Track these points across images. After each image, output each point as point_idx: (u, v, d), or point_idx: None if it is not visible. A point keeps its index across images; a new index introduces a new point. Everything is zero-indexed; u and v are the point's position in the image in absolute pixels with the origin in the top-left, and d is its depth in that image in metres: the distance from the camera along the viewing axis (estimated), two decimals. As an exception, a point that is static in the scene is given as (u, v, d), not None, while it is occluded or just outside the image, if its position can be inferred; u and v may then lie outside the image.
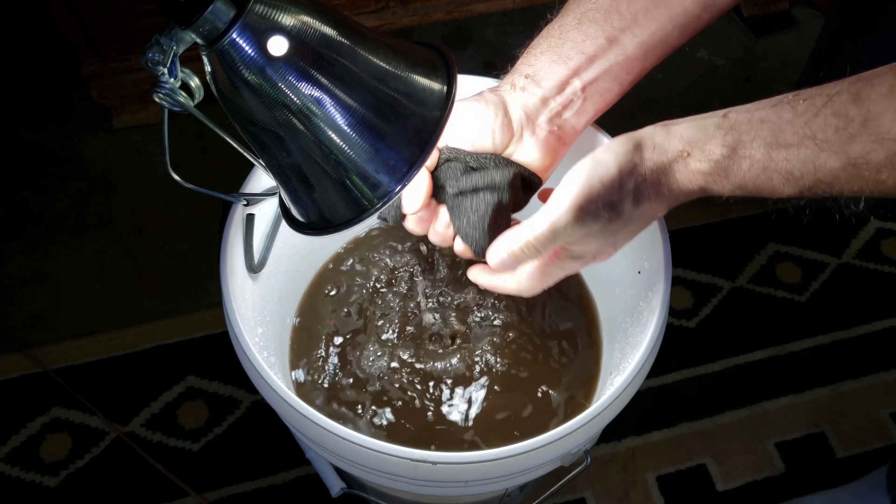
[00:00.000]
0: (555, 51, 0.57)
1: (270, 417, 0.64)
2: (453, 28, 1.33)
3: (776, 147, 0.43)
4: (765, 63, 1.30)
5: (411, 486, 0.56)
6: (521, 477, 0.58)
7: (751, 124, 0.44)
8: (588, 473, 0.92)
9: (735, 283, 1.07)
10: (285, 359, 0.73)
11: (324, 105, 0.43)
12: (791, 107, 0.43)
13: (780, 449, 0.95)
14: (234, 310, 0.57)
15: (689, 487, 0.93)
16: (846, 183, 0.42)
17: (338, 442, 0.52)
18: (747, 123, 0.44)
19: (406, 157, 0.46)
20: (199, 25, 0.40)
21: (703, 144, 0.45)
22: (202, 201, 1.12)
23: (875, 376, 1.00)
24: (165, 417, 0.95)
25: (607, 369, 0.72)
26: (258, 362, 0.55)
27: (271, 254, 0.66)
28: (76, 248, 1.10)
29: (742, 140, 0.44)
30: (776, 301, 1.06)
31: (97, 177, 1.16)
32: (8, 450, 0.93)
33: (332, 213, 0.49)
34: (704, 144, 0.45)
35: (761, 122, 0.44)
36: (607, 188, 0.47)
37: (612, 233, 0.49)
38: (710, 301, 1.05)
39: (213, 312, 1.03)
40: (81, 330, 1.02)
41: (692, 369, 1.00)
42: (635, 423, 0.96)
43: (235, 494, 0.91)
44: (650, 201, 0.48)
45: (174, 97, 0.44)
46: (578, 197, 0.47)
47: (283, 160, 0.46)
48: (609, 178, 0.47)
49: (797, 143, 0.42)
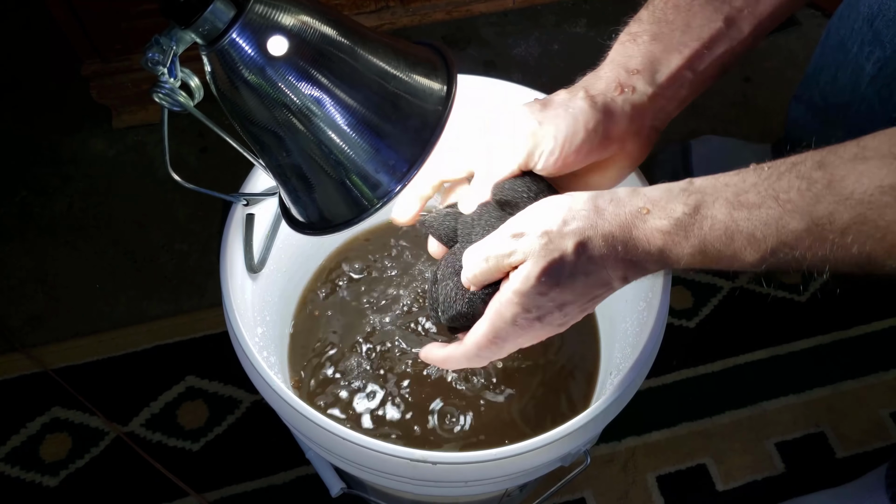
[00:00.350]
0: (664, 38, 0.50)
1: (270, 417, 0.64)
2: (453, 28, 1.33)
3: (738, 207, 0.42)
4: (765, 63, 1.30)
5: (411, 486, 0.56)
6: (521, 477, 0.58)
7: (715, 188, 0.43)
8: (588, 473, 0.92)
9: (735, 283, 1.07)
10: (285, 359, 0.73)
11: (323, 105, 0.43)
12: (755, 172, 0.42)
13: (780, 449, 0.95)
14: (234, 310, 0.57)
15: (689, 487, 0.93)
16: (809, 248, 0.40)
17: (338, 442, 0.52)
18: (711, 187, 0.43)
19: (406, 157, 0.46)
20: (198, 25, 0.40)
21: (664, 203, 0.44)
22: (202, 201, 1.12)
23: (875, 376, 1.00)
24: (165, 417, 0.95)
25: (607, 369, 0.72)
26: (258, 362, 0.55)
27: (271, 254, 0.66)
28: (76, 248, 1.10)
29: (705, 200, 0.43)
30: (776, 301, 1.06)
31: (97, 177, 1.16)
32: (8, 450, 0.93)
33: (331, 212, 0.49)
34: (666, 203, 0.44)
35: (725, 185, 0.43)
36: (552, 229, 0.45)
37: (559, 288, 0.46)
38: (710, 301, 1.05)
39: (213, 312, 1.03)
40: (81, 330, 1.02)
41: (692, 369, 1.00)
42: (635, 423, 0.96)
43: (235, 494, 0.91)
44: (599, 256, 0.45)
45: (174, 97, 0.44)
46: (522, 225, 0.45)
47: (283, 160, 0.46)
48: (554, 219, 0.45)
49: (760, 203, 0.41)
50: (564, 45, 1.31)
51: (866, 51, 0.82)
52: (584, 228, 0.44)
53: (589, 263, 0.45)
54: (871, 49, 0.81)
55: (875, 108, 0.85)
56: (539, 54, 1.30)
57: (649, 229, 0.44)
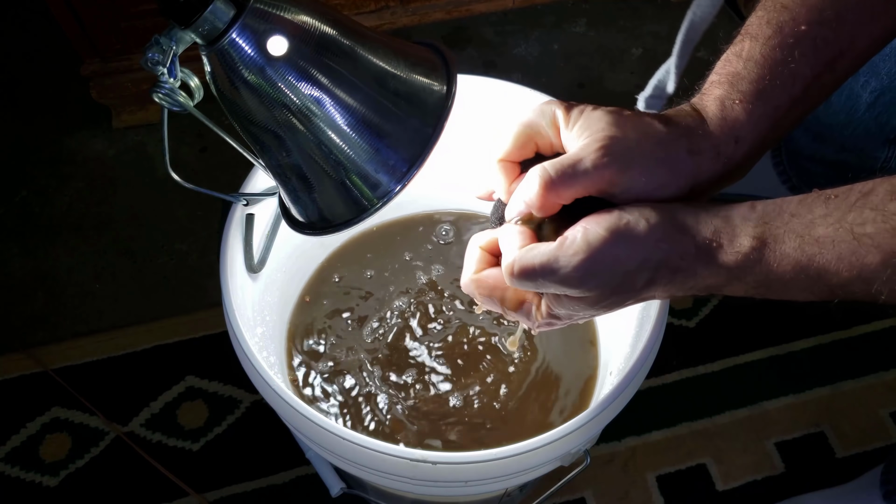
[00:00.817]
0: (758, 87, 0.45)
1: (270, 417, 0.64)
2: (453, 28, 1.33)
3: (811, 242, 0.39)
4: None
5: (411, 486, 0.56)
6: (520, 477, 0.58)
7: (780, 217, 0.40)
8: (588, 473, 0.91)
9: (735, 283, 1.07)
10: (285, 359, 0.73)
11: (323, 105, 0.43)
12: (823, 202, 0.39)
13: (779, 449, 0.95)
14: (234, 310, 0.57)
15: (689, 487, 0.93)
16: (886, 281, 0.38)
17: (338, 442, 0.52)
18: (776, 215, 0.40)
19: (406, 157, 0.46)
20: (198, 25, 0.40)
21: (731, 236, 0.40)
22: (202, 201, 1.12)
23: (875, 376, 1.00)
24: (165, 417, 0.95)
25: (607, 369, 0.72)
26: (258, 362, 0.55)
27: (271, 254, 0.66)
28: (76, 248, 1.10)
29: (773, 233, 0.40)
30: (776, 301, 1.05)
31: (97, 177, 1.16)
32: (8, 450, 0.93)
33: (331, 212, 0.49)
34: (733, 236, 0.40)
35: (791, 215, 0.40)
36: (627, 257, 0.41)
37: (598, 304, 0.43)
38: (710, 301, 1.05)
39: (213, 312, 1.02)
40: (81, 330, 1.02)
41: (692, 369, 1.00)
42: (635, 423, 0.96)
43: (235, 494, 0.91)
44: (661, 287, 0.42)
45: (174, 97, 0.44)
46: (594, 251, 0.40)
47: (282, 160, 0.46)
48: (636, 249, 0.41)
49: (833, 237, 0.38)
50: (564, 45, 1.31)
51: (861, 80, 0.85)
52: (656, 264, 0.41)
53: (646, 292, 0.43)
54: (867, 79, 0.84)
55: (872, 131, 0.88)
56: (539, 54, 1.30)
57: (715, 265, 0.41)
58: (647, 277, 0.41)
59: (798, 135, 0.98)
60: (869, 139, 0.89)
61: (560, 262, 0.41)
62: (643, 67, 1.28)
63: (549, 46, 1.31)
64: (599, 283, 0.41)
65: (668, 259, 0.41)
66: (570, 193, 0.42)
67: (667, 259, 0.41)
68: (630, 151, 0.42)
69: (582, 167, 0.42)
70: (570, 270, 0.41)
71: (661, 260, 0.41)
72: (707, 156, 0.44)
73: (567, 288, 0.42)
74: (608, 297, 0.42)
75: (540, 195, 0.42)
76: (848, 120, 0.89)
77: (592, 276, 0.41)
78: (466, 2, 1.21)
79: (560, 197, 0.43)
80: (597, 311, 0.44)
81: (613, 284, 0.42)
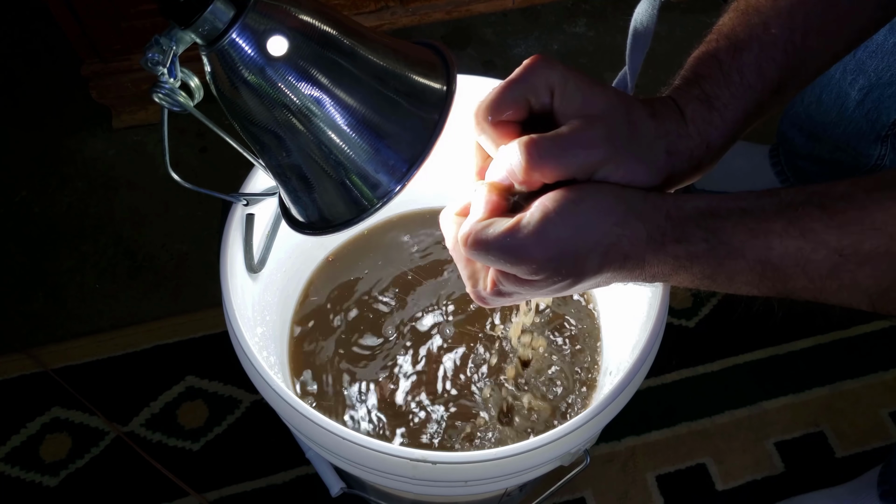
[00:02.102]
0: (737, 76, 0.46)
1: (270, 417, 0.64)
2: (453, 28, 1.33)
3: (758, 235, 0.39)
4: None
5: (411, 486, 0.56)
6: (520, 476, 0.58)
7: (729, 210, 0.40)
8: (588, 473, 0.92)
9: (735, 283, 1.07)
10: (285, 358, 0.73)
11: (323, 105, 0.43)
12: (772, 197, 0.40)
13: (779, 448, 0.95)
14: (234, 310, 0.57)
15: (688, 487, 0.93)
16: (827, 277, 0.39)
17: (338, 442, 0.52)
18: (725, 209, 0.40)
19: (406, 157, 0.46)
20: (198, 25, 0.40)
21: (682, 227, 0.41)
22: (202, 201, 1.12)
23: (874, 376, 1.00)
24: (165, 417, 0.95)
25: (607, 369, 0.72)
26: (258, 362, 0.55)
27: (271, 254, 0.66)
28: (76, 248, 1.10)
29: (723, 227, 0.40)
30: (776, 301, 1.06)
31: (97, 177, 1.16)
32: (8, 450, 0.93)
33: (331, 213, 0.49)
34: (685, 228, 0.41)
35: (742, 210, 0.40)
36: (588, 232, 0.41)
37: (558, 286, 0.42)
38: (710, 301, 1.05)
39: (213, 312, 1.03)
40: (81, 330, 1.02)
41: (692, 369, 1.00)
42: (635, 423, 0.96)
43: (235, 494, 0.91)
44: (609, 273, 0.42)
45: (174, 97, 0.44)
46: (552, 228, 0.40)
47: (282, 160, 0.46)
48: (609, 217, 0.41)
49: (782, 232, 0.39)
50: (564, 45, 1.31)
51: (849, 78, 0.86)
52: (607, 248, 0.41)
53: (593, 277, 0.42)
54: (855, 77, 0.85)
55: (863, 129, 0.89)
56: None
57: (663, 254, 0.41)
58: (597, 262, 0.41)
59: (793, 135, 0.99)
60: (861, 137, 0.90)
61: (512, 244, 0.41)
62: (642, 67, 1.28)
63: (549, 46, 1.31)
64: (549, 269, 0.41)
65: (619, 244, 0.41)
66: (554, 175, 0.43)
67: (618, 244, 0.41)
68: (619, 147, 0.43)
69: (572, 153, 0.42)
70: (522, 253, 0.41)
71: (612, 244, 0.41)
72: (682, 157, 0.45)
73: (516, 269, 0.42)
74: (556, 281, 0.42)
75: (524, 171, 0.42)
76: (839, 118, 0.89)
77: (546, 263, 0.41)
78: (466, 2, 1.21)
79: (544, 177, 0.43)
80: (544, 293, 0.44)
81: (563, 269, 0.42)
